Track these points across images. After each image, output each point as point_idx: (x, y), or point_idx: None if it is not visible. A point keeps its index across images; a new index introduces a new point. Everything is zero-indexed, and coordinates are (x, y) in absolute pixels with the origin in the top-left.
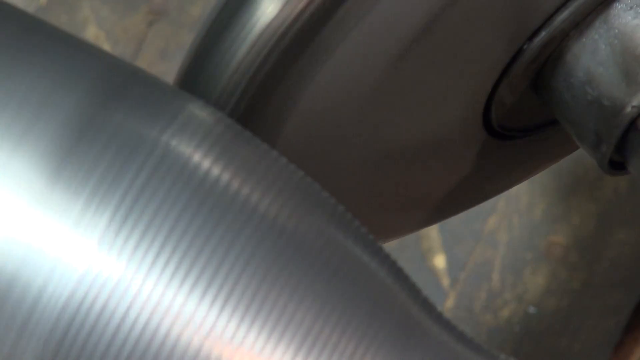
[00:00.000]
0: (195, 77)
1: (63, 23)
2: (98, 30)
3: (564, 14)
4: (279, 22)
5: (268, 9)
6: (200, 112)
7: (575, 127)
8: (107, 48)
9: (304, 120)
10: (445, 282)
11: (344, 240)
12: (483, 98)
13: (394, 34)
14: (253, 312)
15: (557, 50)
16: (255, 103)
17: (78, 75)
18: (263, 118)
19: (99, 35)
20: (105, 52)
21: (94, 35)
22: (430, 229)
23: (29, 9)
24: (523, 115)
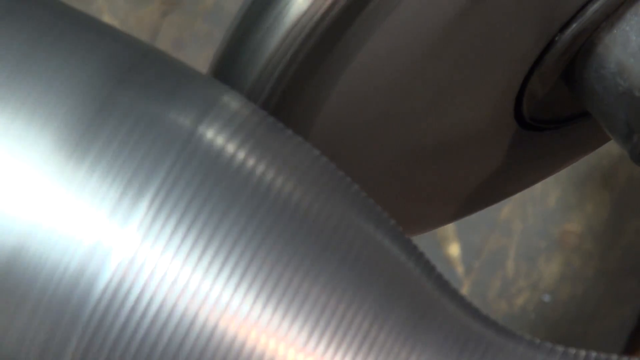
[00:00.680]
0: (229, 68)
1: None
2: (112, 20)
3: (595, 5)
4: (310, 15)
5: (298, 2)
6: (235, 102)
7: (607, 118)
8: None
9: (336, 114)
10: (460, 270)
11: (365, 224)
12: (515, 90)
13: (424, 28)
14: (270, 291)
15: (588, 42)
16: (287, 96)
17: (116, 63)
18: (295, 111)
19: (113, 24)
20: (141, 41)
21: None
22: None
23: None
24: (554, 107)
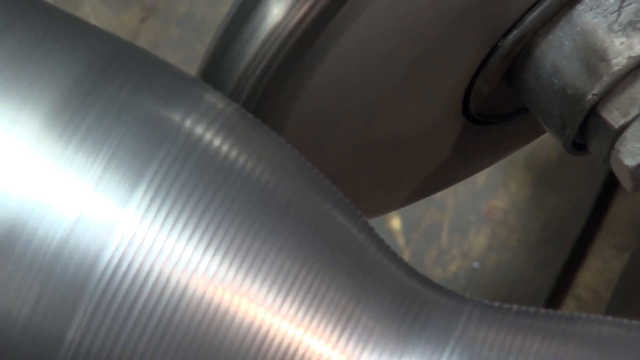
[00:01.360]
0: (214, 71)
1: None
2: (96, 24)
3: (533, 15)
4: (283, 27)
5: (274, 13)
6: (218, 101)
7: (543, 113)
8: None
9: (305, 112)
10: (401, 241)
11: (318, 198)
12: (463, 89)
13: (382, 38)
14: (236, 254)
15: (527, 47)
16: (264, 95)
17: (98, 55)
18: (271, 108)
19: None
20: (136, 46)
21: None
22: None
23: None
24: (497, 104)
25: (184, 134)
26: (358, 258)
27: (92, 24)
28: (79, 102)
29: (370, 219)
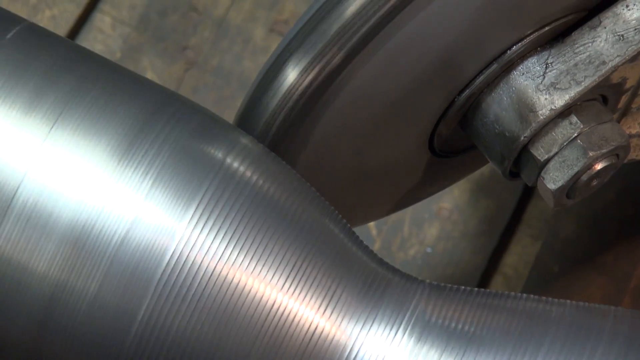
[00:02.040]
0: (247, 119)
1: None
2: (153, 74)
3: (480, 78)
4: (296, 88)
5: (289, 78)
6: (249, 142)
7: (487, 150)
8: None
9: (312, 150)
10: (374, 232)
11: (312, 208)
12: (429, 131)
13: (366, 98)
14: (256, 248)
15: (476, 101)
16: (283, 139)
17: (165, 116)
18: (288, 148)
19: (153, 78)
20: (189, 100)
21: (150, 78)
22: None
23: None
24: (454, 142)
25: (225, 167)
26: (339, 251)
27: (154, 83)
28: (146, 139)
29: (358, 226)
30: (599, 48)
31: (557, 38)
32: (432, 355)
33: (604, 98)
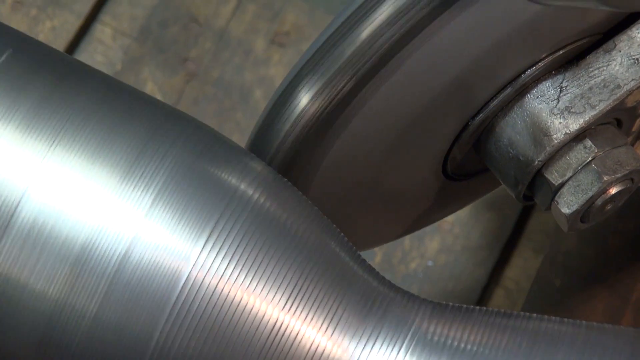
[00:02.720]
0: (258, 144)
1: (132, 82)
2: (153, 86)
3: (494, 102)
4: (308, 115)
5: (301, 103)
6: (260, 166)
7: (501, 173)
8: (159, 98)
9: (323, 175)
10: None
11: (319, 230)
12: (442, 155)
13: (379, 124)
14: (264, 271)
15: (489, 125)
16: (294, 164)
17: (150, 120)
18: (299, 173)
19: (154, 90)
20: (200, 122)
21: (151, 90)
22: None
23: (110, 72)
24: (467, 166)
25: (239, 193)
26: (341, 271)
27: (160, 101)
28: (153, 159)
29: (369, 249)
30: (614, 72)
31: (571, 61)
32: None
33: (619, 121)
